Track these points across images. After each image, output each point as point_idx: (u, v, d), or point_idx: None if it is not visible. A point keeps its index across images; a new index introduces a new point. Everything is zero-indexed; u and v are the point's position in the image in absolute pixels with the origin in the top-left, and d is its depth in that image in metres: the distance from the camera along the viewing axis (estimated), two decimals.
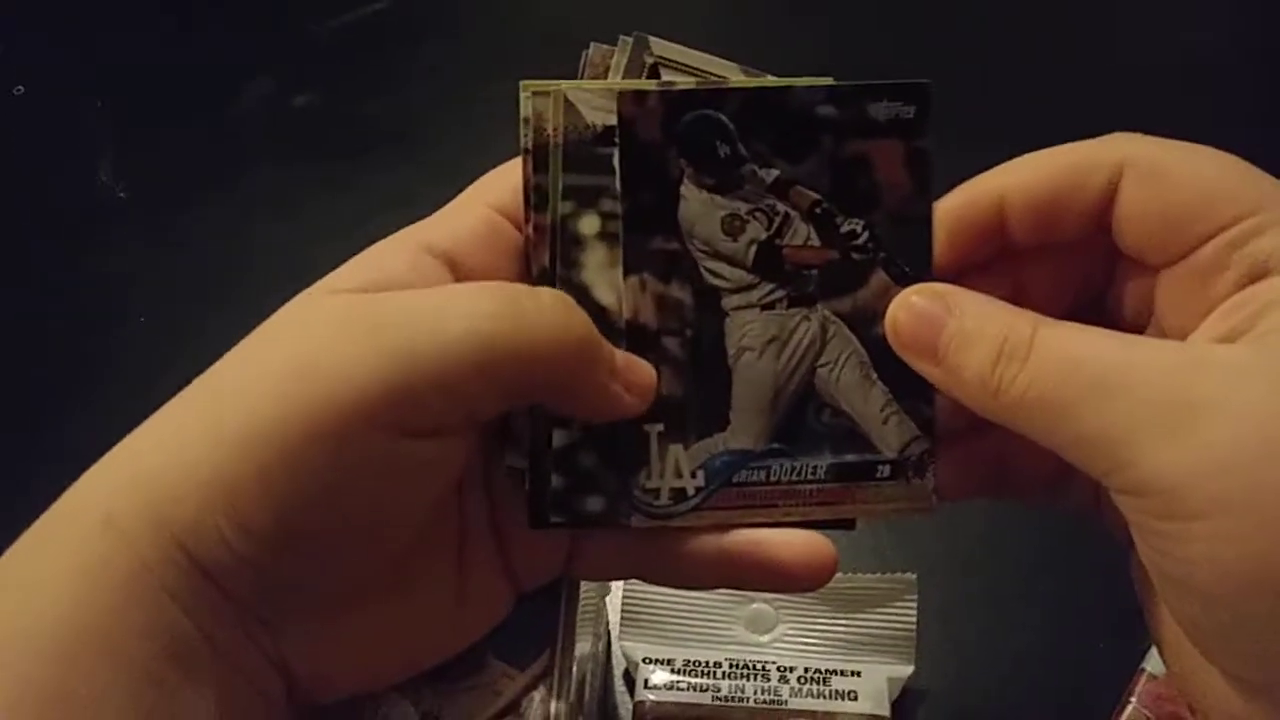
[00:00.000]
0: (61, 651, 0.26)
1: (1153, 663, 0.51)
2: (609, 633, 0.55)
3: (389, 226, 0.33)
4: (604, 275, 0.32)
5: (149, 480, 0.28)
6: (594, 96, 0.31)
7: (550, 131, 0.31)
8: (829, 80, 0.32)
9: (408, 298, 0.29)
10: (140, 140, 0.81)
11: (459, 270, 0.31)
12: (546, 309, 0.30)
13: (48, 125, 0.82)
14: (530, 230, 0.31)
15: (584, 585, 0.51)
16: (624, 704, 0.53)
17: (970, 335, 0.30)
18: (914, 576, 0.52)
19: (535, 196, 0.31)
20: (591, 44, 0.33)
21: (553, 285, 0.32)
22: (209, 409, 0.29)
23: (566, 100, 0.31)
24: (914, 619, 0.52)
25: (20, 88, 0.83)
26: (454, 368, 0.28)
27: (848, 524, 0.34)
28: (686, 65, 0.33)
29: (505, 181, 0.32)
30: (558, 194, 0.31)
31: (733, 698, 0.51)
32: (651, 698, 0.51)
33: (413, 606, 0.32)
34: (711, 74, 0.32)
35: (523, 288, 0.30)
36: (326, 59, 0.85)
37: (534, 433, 0.32)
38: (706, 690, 0.51)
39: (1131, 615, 0.33)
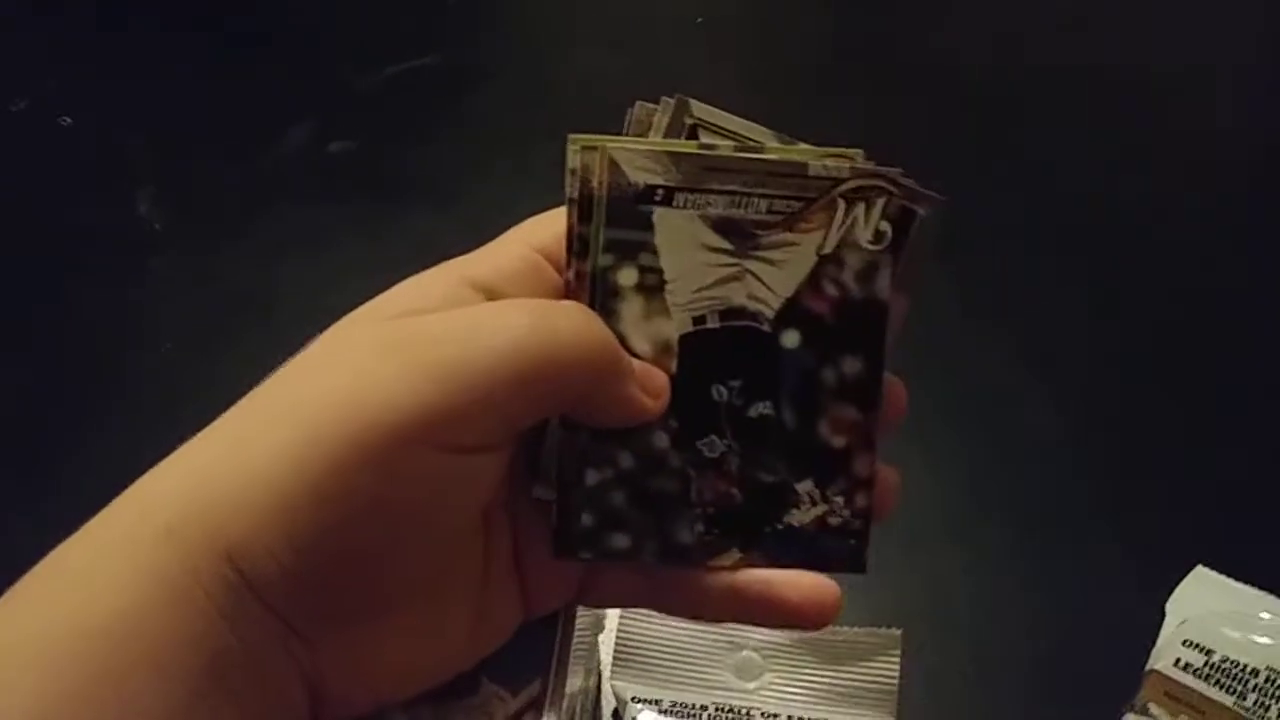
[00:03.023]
0: (103, 653, 0.27)
1: None
2: (600, 671, 0.55)
3: (414, 273, 0.35)
4: (639, 327, 0.33)
5: (208, 492, 0.29)
6: (636, 156, 0.32)
7: (595, 185, 0.32)
8: (859, 152, 0.33)
9: (447, 317, 0.30)
10: (179, 176, 0.83)
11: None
12: (572, 316, 0.31)
13: (91, 156, 0.85)
14: (571, 276, 0.33)
15: (579, 621, 0.54)
16: None
17: None
18: (899, 632, 0.54)
19: (578, 244, 0.33)
20: (637, 103, 0.35)
21: None
22: (266, 426, 0.29)
23: (611, 159, 0.32)
24: (897, 674, 0.53)
25: (67, 119, 0.87)
26: (496, 382, 0.29)
27: (859, 567, 0.35)
28: (724, 129, 0.34)
29: (549, 226, 0.33)
30: (599, 245, 0.33)
31: None
32: None
33: (440, 622, 0.33)
34: (748, 138, 0.34)
35: (546, 301, 0.32)
36: (366, 109, 0.88)
37: (562, 467, 0.34)
38: None
39: (1114, 679, 0.35)
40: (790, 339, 0.34)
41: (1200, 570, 0.60)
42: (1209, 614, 0.57)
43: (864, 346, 0.34)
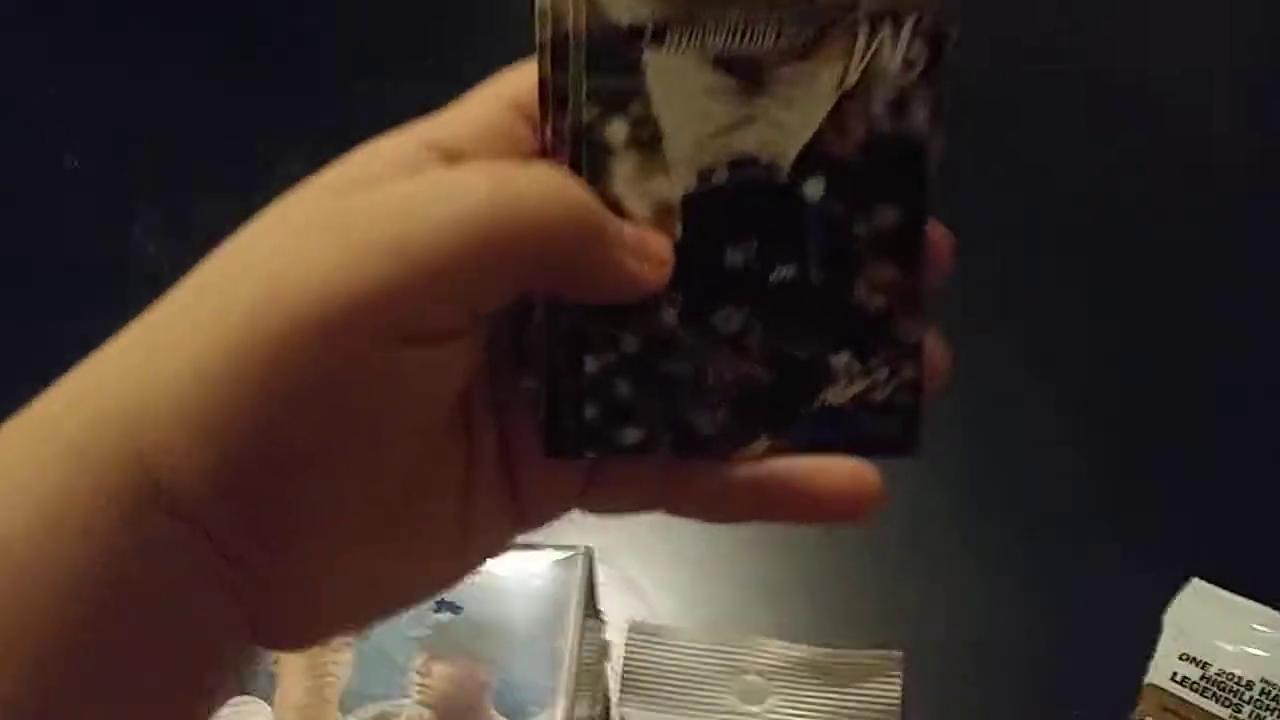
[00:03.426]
0: None
1: None
2: (608, 697, 0.56)
3: None
4: (634, 188, 0.29)
5: (121, 396, 0.25)
6: None
7: (571, 26, 0.28)
8: None
9: (395, 187, 0.26)
10: (177, 204, 0.82)
11: None
12: (541, 179, 0.27)
13: (89, 185, 0.84)
14: (548, 134, 0.29)
15: (584, 651, 0.53)
16: None
17: None
18: (900, 654, 0.55)
19: (554, 97, 0.29)
20: None
21: None
22: (185, 317, 0.26)
23: None
24: (899, 695, 0.54)
25: (75, 162, 0.84)
26: (448, 255, 0.25)
27: (912, 448, 0.31)
28: None
29: (526, 78, 0.29)
30: (580, 97, 0.28)
31: None
32: None
33: (413, 538, 0.29)
34: None
35: (511, 163, 0.28)
36: (368, 113, 0.84)
37: (551, 351, 0.29)
38: None
39: (1114, 680, 0.34)
40: (813, 188, 0.29)
41: (1196, 583, 0.59)
42: (1204, 627, 0.57)
43: (900, 191, 0.29)
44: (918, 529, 0.63)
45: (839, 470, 0.29)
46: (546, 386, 0.30)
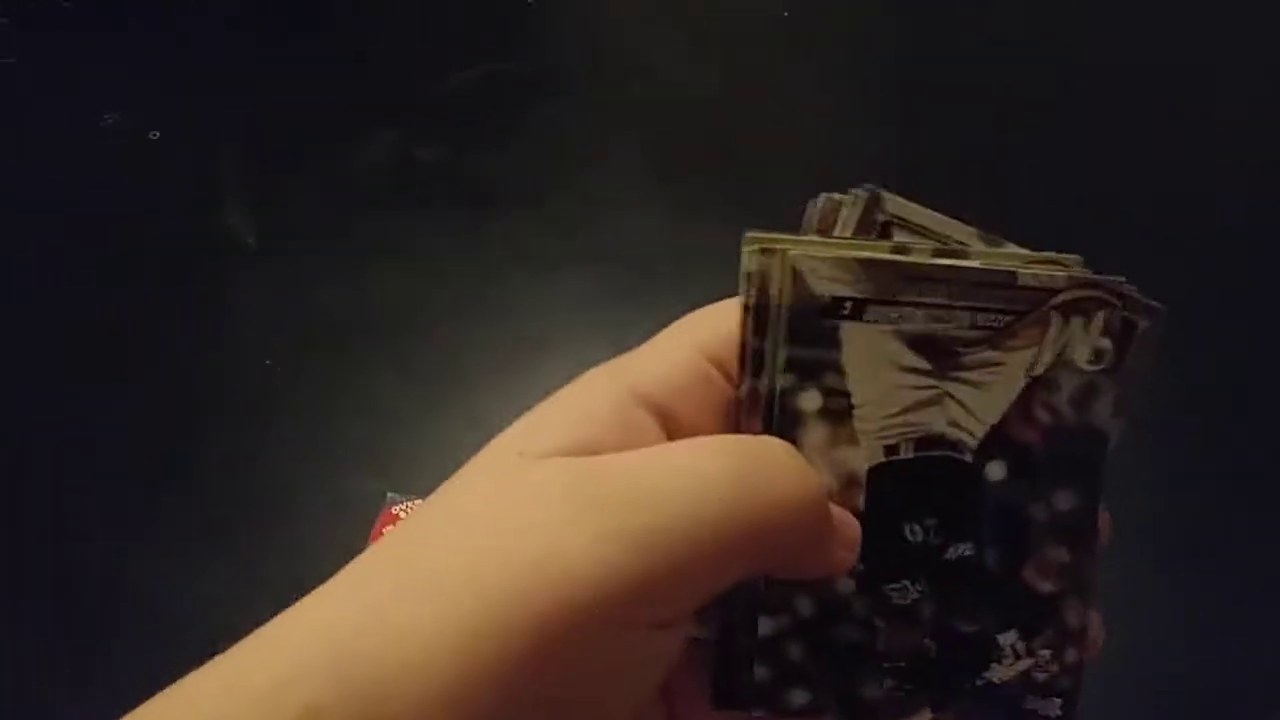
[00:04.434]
0: None
1: None
2: None
3: (501, 279, 0.32)
4: (823, 457, 0.29)
5: (360, 668, 0.24)
6: (822, 264, 0.28)
7: (774, 295, 0.29)
8: (1076, 258, 0.29)
9: (639, 466, 0.26)
10: (267, 188, 0.83)
11: (669, 424, 0.28)
12: (783, 469, 0.27)
13: (181, 171, 0.85)
14: (744, 394, 0.29)
15: None
16: None
17: None
18: None
19: (753, 360, 0.29)
20: (822, 195, 0.31)
21: None
22: (430, 594, 0.25)
23: (793, 266, 0.28)
24: None
25: (155, 133, 0.86)
26: (698, 553, 0.25)
27: None
28: (920, 226, 0.30)
29: (716, 326, 0.29)
30: (778, 364, 0.29)
31: None
32: None
33: None
34: (948, 238, 0.30)
35: (751, 439, 0.28)
36: (449, 114, 0.87)
37: (730, 610, 0.29)
38: None
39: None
40: (995, 471, 0.29)
41: None
42: None
43: (1079, 479, 0.30)
44: None
45: None
46: (719, 641, 0.30)
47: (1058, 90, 0.85)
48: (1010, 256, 0.29)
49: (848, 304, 0.29)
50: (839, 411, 0.29)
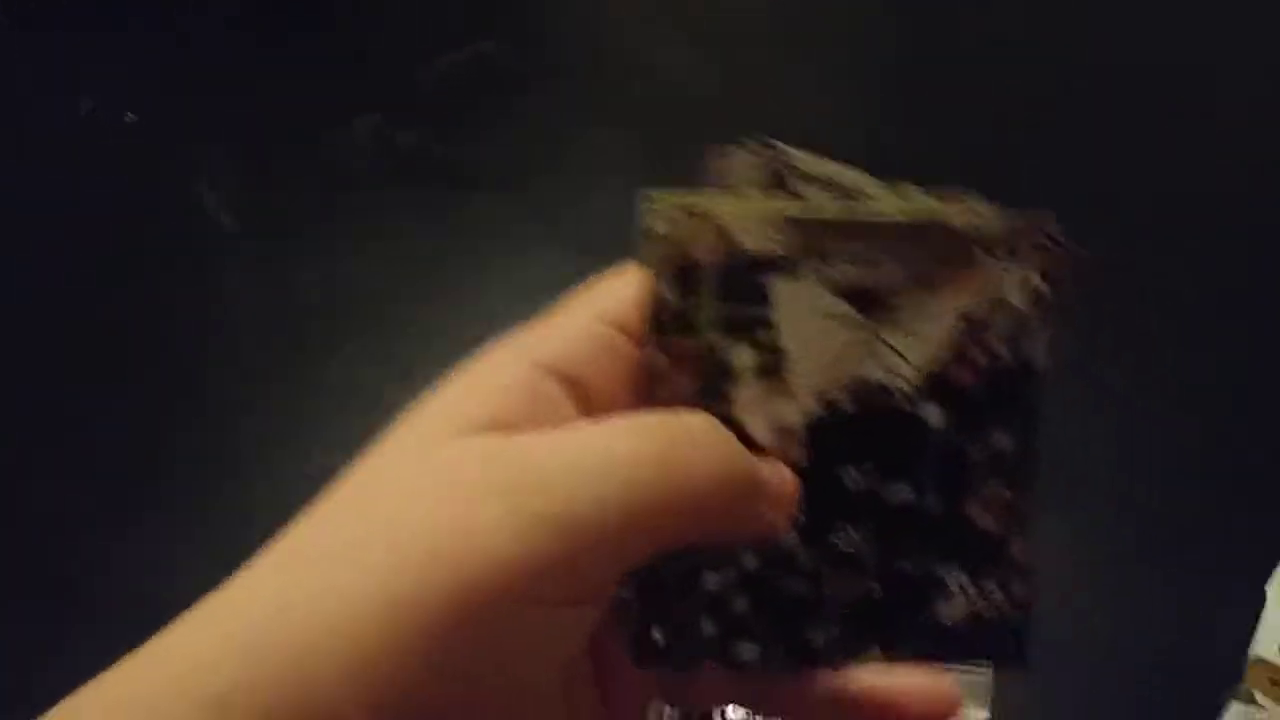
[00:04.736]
0: None
1: (1230, 718, 0.54)
2: None
3: (483, 264, 0.32)
4: (758, 412, 0.29)
5: (266, 654, 0.24)
6: (751, 222, 0.29)
7: (699, 254, 0.29)
8: (973, 195, 0.30)
9: (552, 448, 0.26)
10: (246, 172, 0.83)
11: (579, 393, 0.28)
12: (707, 449, 0.27)
13: (156, 154, 0.84)
14: (661, 356, 0.29)
15: None
16: None
17: None
18: None
19: (675, 321, 0.29)
20: (716, 147, 0.31)
21: None
22: (337, 573, 0.25)
23: (720, 225, 0.29)
24: (991, 674, 0.55)
25: (131, 115, 0.87)
26: (617, 532, 0.25)
27: (1020, 663, 0.31)
28: (817, 175, 0.31)
29: (619, 293, 0.29)
30: (708, 322, 0.29)
31: None
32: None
33: None
34: (846, 185, 0.30)
35: (667, 418, 0.28)
36: (430, 99, 0.87)
37: (671, 569, 0.30)
38: None
39: (1219, 662, 0.34)
40: (932, 414, 0.30)
41: None
42: None
43: (1015, 418, 0.30)
44: None
45: (919, 686, 0.30)
46: (637, 598, 0.30)
47: (1058, 90, 0.85)
48: (924, 202, 0.30)
49: (777, 259, 0.29)
50: (773, 366, 0.29)
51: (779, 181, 0.30)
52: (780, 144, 0.31)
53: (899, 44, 0.91)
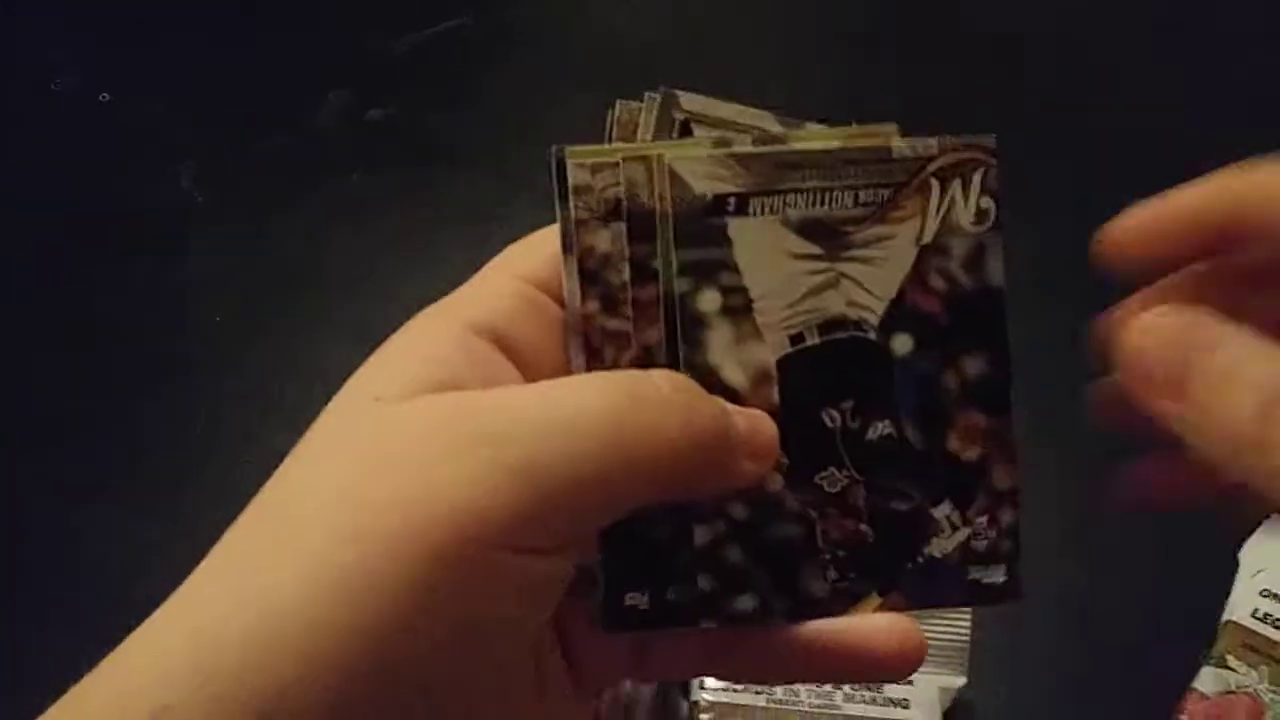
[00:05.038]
0: None
1: (1203, 681, 0.53)
2: None
3: (458, 238, 0.32)
4: (730, 356, 0.29)
5: (220, 655, 0.23)
6: (699, 164, 0.29)
7: (652, 200, 0.29)
8: (892, 127, 0.30)
9: (513, 402, 0.26)
10: (220, 149, 0.82)
11: (508, 348, 0.28)
12: (669, 398, 0.27)
13: (131, 132, 0.84)
14: (599, 308, 0.29)
15: None
16: (681, 706, 0.55)
17: (1234, 375, 0.25)
18: None
19: (633, 270, 0.29)
20: (618, 102, 0.31)
21: (663, 366, 0.29)
22: (295, 552, 0.24)
23: (671, 169, 0.28)
24: (968, 631, 0.54)
25: (106, 95, 0.86)
26: (584, 485, 0.25)
27: (1015, 594, 0.31)
28: (717, 119, 0.31)
29: (536, 253, 0.29)
30: (671, 269, 0.29)
31: (787, 701, 0.52)
32: (707, 698, 0.52)
33: None
34: (744, 125, 0.31)
35: (635, 375, 0.28)
36: (402, 73, 0.86)
37: (658, 523, 0.29)
38: (761, 693, 0.52)
39: (1192, 628, 0.34)
40: (902, 344, 0.30)
41: (1274, 520, 0.59)
42: None
43: (985, 340, 0.30)
44: None
45: (883, 631, 0.30)
46: (610, 561, 0.29)
47: (1058, 90, 0.84)
48: (812, 137, 0.30)
49: (731, 200, 0.29)
50: (739, 308, 0.29)
51: (685, 130, 0.31)
52: (682, 91, 0.31)
53: (899, 43, 0.90)
